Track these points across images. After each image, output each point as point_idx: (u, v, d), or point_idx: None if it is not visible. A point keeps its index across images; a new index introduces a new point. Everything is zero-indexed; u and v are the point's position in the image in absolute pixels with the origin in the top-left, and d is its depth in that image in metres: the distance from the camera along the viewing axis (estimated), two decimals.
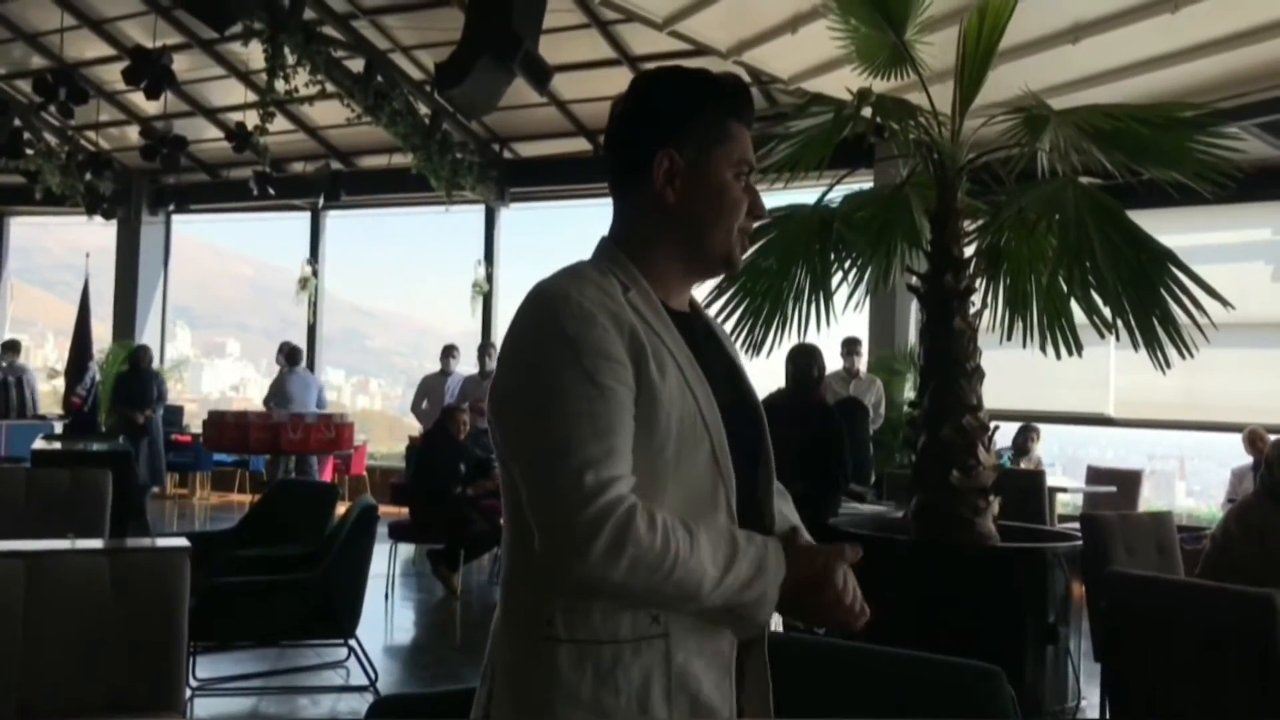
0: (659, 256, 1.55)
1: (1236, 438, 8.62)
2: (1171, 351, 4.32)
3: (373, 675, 5.14)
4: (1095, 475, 9.54)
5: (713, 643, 1.45)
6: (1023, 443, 9.20)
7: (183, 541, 3.46)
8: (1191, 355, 4.29)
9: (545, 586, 1.42)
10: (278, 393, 11.06)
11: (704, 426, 1.45)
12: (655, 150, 1.52)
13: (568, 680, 1.41)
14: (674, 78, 1.59)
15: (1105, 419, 9.76)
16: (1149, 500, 10.17)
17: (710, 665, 1.45)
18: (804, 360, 5.89)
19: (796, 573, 1.44)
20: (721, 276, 1.86)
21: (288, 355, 11.30)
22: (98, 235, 14.67)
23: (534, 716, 1.43)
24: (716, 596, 1.39)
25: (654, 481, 1.42)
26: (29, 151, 12.46)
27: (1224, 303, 4.20)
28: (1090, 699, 4.70)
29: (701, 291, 5.11)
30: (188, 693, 4.09)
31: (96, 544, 3.63)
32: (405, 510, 8.17)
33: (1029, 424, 9.27)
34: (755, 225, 1.62)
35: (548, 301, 1.44)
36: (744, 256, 1.63)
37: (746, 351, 5.19)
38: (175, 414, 13.57)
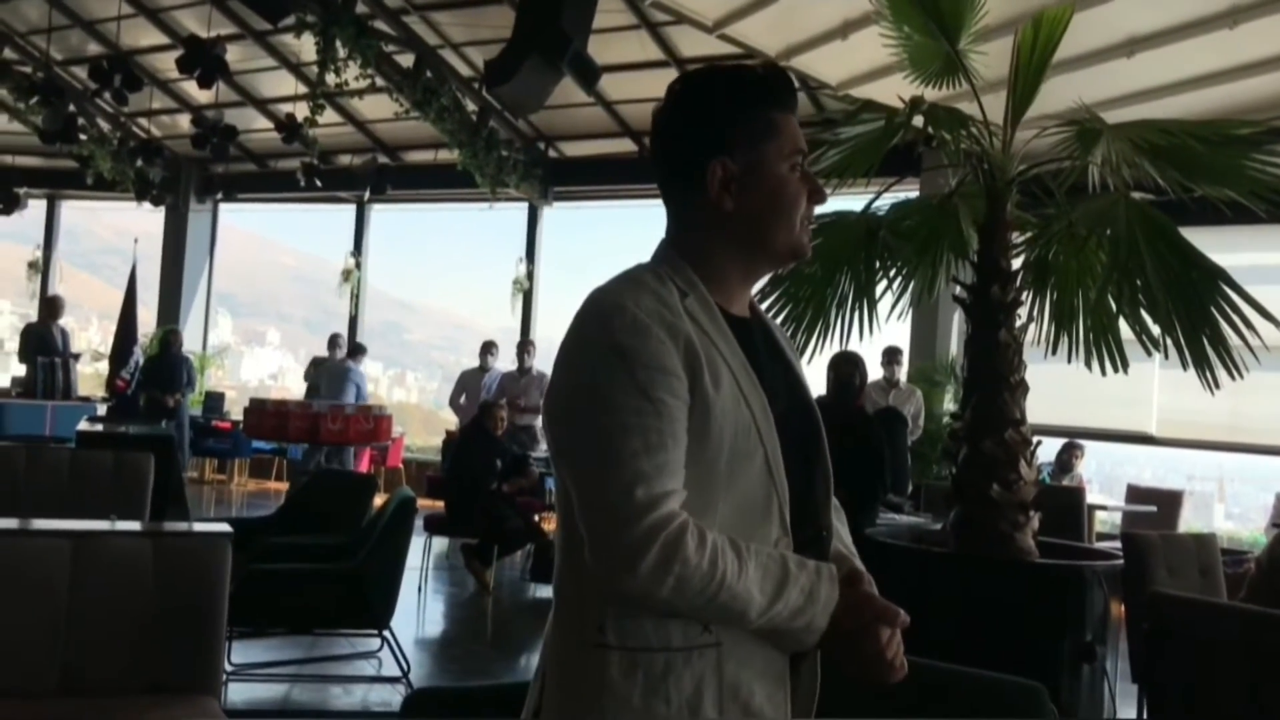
0: (719, 261, 1.53)
1: (1278, 461, 8.49)
2: (1221, 372, 4.26)
3: (405, 667, 5.16)
4: (1135, 494, 9.43)
5: (765, 654, 1.44)
6: (1067, 460, 9.11)
7: (224, 527, 3.49)
8: (1241, 376, 4.23)
9: (595, 594, 1.42)
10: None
11: (758, 437, 1.44)
12: (707, 160, 1.50)
13: (618, 687, 1.40)
14: (714, 82, 1.55)
15: (1147, 438, 9.64)
16: (1188, 521, 10.04)
17: (762, 676, 1.44)
18: (847, 368, 5.85)
19: (842, 619, 1.42)
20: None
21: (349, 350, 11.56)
22: (146, 221, 14.87)
23: None
24: (763, 621, 1.39)
25: (706, 493, 1.41)
26: (82, 137, 12.64)
27: (1277, 324, 4.14)
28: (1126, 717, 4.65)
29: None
30: (223, 676, 4.14)
31: (139, 526, 3.68)
32: (439, 503, 8.21)
33: (1073, 441, 9.17)
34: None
35: (603, 311, 1.43)
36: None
37: None
38: (216, 400, 13.73)
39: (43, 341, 11.39)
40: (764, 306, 5.07)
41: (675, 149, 1.55)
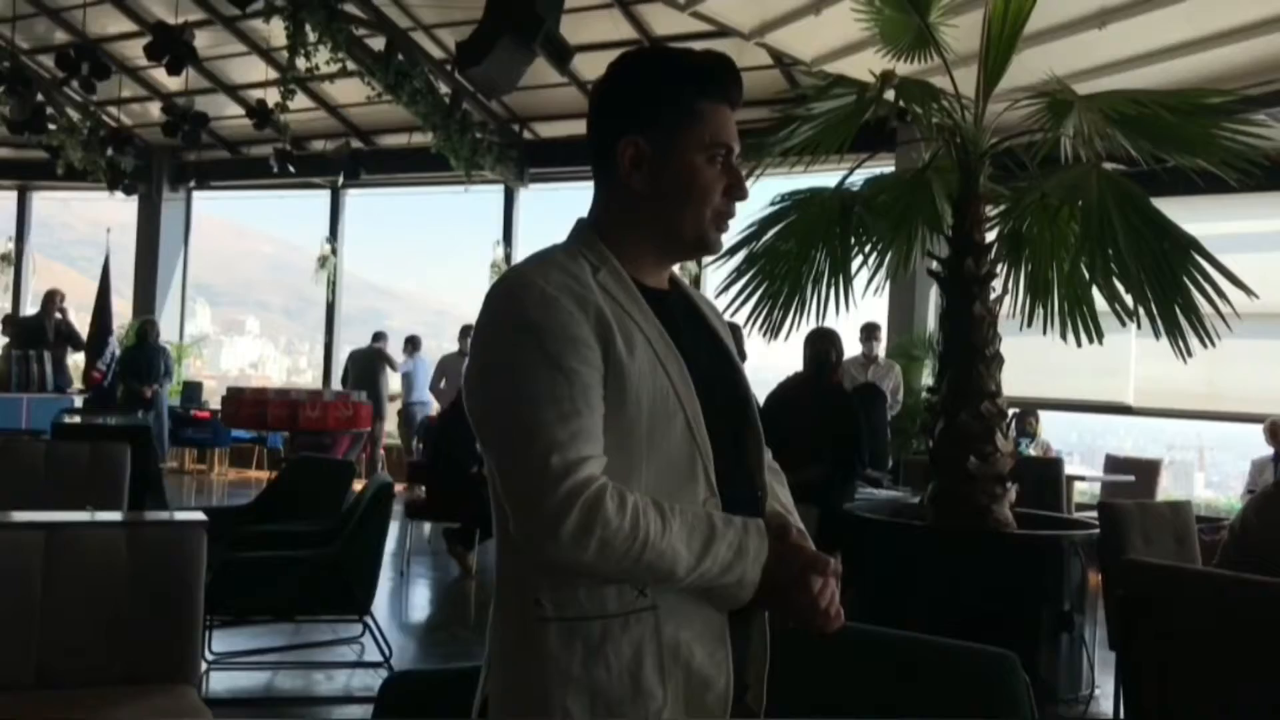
0: (631, 239, 1.54)
1: (1257, 429, 8.56)
2: (1194, 340, 4.29)
3: (387, 652, 5.16)
4: (1113, 464, 9.49)
5: (703, 613, 1.45)
6: (1024, 428, 9.09)
7: (199, 515, 3.47)
8: (1214, 344, 4.26)
9: (529, 567, 1.44)
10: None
11: (677, 400, 1.45)
12: (619, 137, 1.51)
13: (559, 658, 1.41)
14: (640, 61, 1.57)
15: (1125, 408, 9.70)
16: (1167, 490, 10.12)
17: (702, 636, 1.44)
18: (822, 344, 5.86)
19: (774, 572, 1.44)
20: (740, 253, 1.85)
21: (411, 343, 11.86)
22: (120, 211, 14.74)
23: (526, 696, 1.44)
24: (694, 578, 1.40)
25: (628, 457, 1.42)
26: (51, 126, 12.51)
27: (1248, 291, 4.16)
28: (1105, 688, 4.69)
29: (721, 274, 5.14)
30: (203, 665, 4.12)
31: (114, 516, 3.65)
32: (421, 489, 8.19)
33: (1024, 409, 9.15)
34: (735, 205, 1.57)
35: (512, 289, 1.46)
36: (731, 239, 1.62)
37: (764, 335, 5.18)
38: (194, 390, 13.65)
39: (35, 334, 11.30)
40: (740, 284, 5.11)
41: (597, 125, 1.56)
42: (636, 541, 1.36)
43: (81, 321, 12.44)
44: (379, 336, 12.56)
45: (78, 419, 8.95)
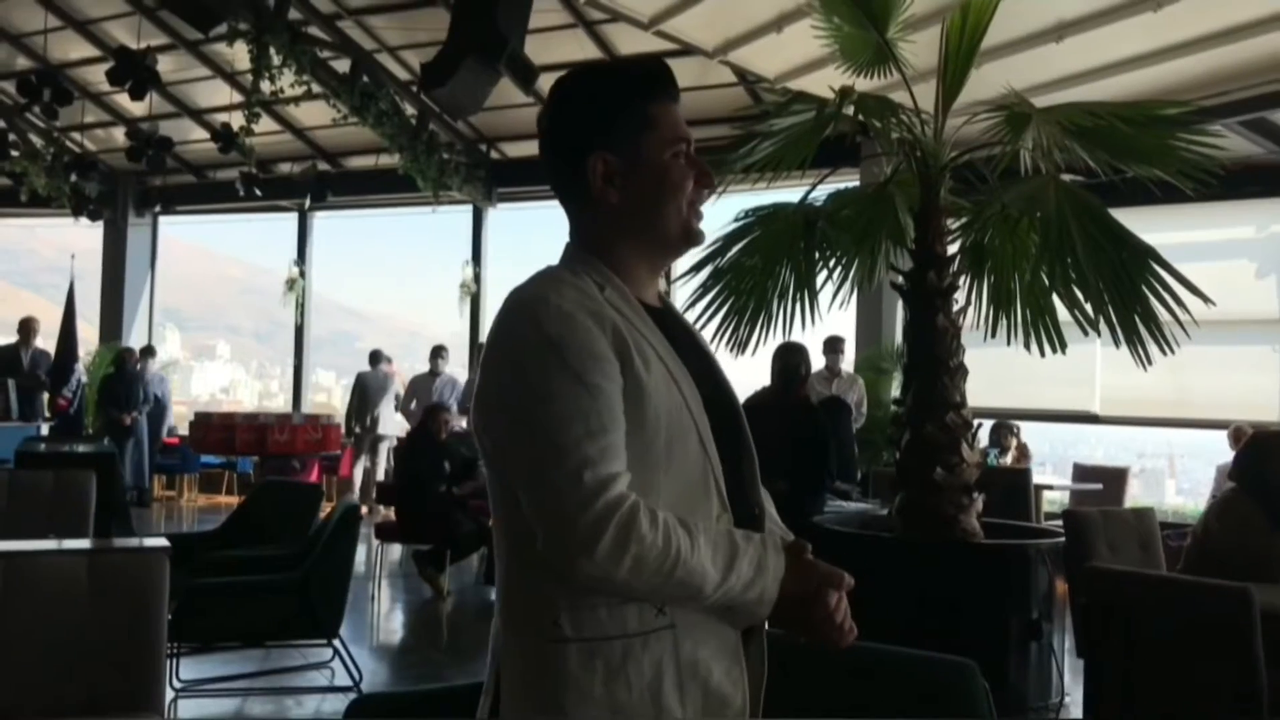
0: (622, 253, 1.56)
1: (1224, 435, 8.64)
2: (1154, 348, 4.33)
3: (357, 676, 5.12)
4: (1081, 473, 9.56)
5: (719, 631, 1.46)
6: (998, 439, 9.18)
7: (162, 541, 3.44)
8: (1173, 351, 4.30)
9: (548, 587, 1.42)
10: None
11: (690, 416, 1.47)
12: (586, 156, 1.53)
13: (578, 679, 1.41)
14: (587, 80, 1.60)
15: (1091, 416, 9.77)
16: (1138, 498, 10.20)
17: (719, 653, 1.45)
18: (792, 358, 5.89)
19: (791, 586, 1.45)
20: (706, 269, 1.87)
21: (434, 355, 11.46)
22: (85, 237, 14.62)
23: (546, 718, 1.43)
24: (719, 595, 1.41)
25: (648, 473, 1.43)
26: (14, 153, 12.42)
27: (1205, 299, 4.21)
28: (1075, 695, 4.71)
29: (686, 290, 5.15)
30: (171, 694, 4.08)
31: (74, 544, 3.61)
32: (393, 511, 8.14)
33: (1002, 421, 9.24)
34: (707, 196, 1.61)
35: (527, 306, 1.45)
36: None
37: (730, 350, 5.19)
38: (162, 415, 13.53)
39: (10, 364, 11.16)
40: (705, 300, 5.13)
41: (559, 149, 1.58)
42: (669, 559, 1.36)
43: (47, 348, 12.33)
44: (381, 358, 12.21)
45: (42, 446, 8.85)
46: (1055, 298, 4.60)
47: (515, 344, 1.44)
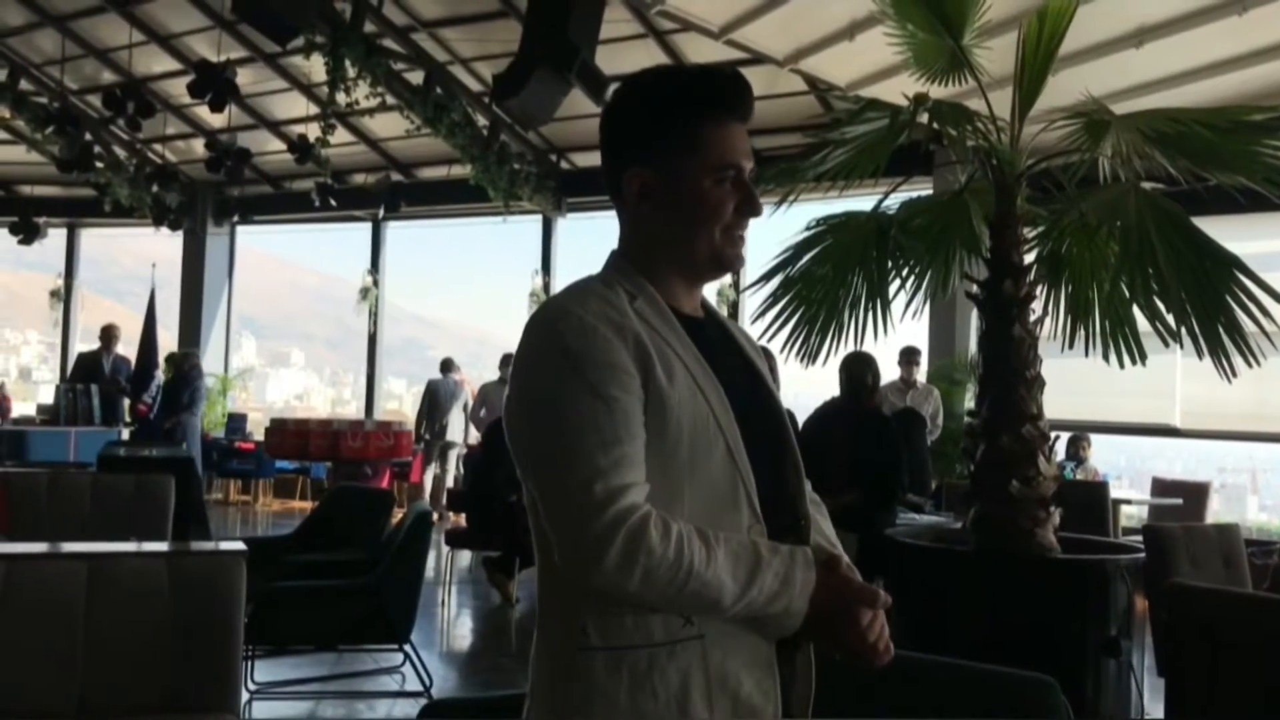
0: (659, 266, 1.55)
1: None
2: (1238, 360, 4.22)
3: (428, 681, 5.16)
4: (1160, 487, 9.34)
5: (751, 642, 1.44)
6: (1074, 452, 9.03)
7: (239, 545, 3.50)
8: (1259, 363, 4.19)
9: (576, 595, 1.43)
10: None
11: (717, 426, 1.45)
12: (625, 169, 1.53)
13: (605, 687, 1.40)
14: (639, 89, 1.57)
15: (1171, 429, 9.55)
16: (1219, 514, 9.93)
17: (750, 665, 1.43)
18: (859, 368, 5.82)
19: (822, 601, 1.43)
20: (776, 278, 1.85)
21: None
22: (166, 246, 14.98)
23: None
24: (740, 608, 1.39)
25: (671, 484, 1.42)
26: (99, 165, 12.76)
27: None
28: (1155, 714, 4.60)
29: (757, 299, 5.12)
30: (246, 695, 4.15)
31: (153, 547, 3.69)
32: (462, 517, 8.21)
33: (1077, 434, 9.08)
34: (749, 222, 1.57)
35: (550, 318, 1.46)
36: (745, 258, 1.61)
37: (801, 360, 5.15)
38: (239, 421, 13.79)
39: (92, 371, 11.44)
40: (775, 309, 5.09)
41: (605, 157, 1.58)
42: (680, 571, 1.35)
43: (128, 355, 12.62)
44: (452, 366, 12.41)
45: (123, 451, 9.06)
46: (1135, 308, 4.51)
47: (537, 357, 1.46)
